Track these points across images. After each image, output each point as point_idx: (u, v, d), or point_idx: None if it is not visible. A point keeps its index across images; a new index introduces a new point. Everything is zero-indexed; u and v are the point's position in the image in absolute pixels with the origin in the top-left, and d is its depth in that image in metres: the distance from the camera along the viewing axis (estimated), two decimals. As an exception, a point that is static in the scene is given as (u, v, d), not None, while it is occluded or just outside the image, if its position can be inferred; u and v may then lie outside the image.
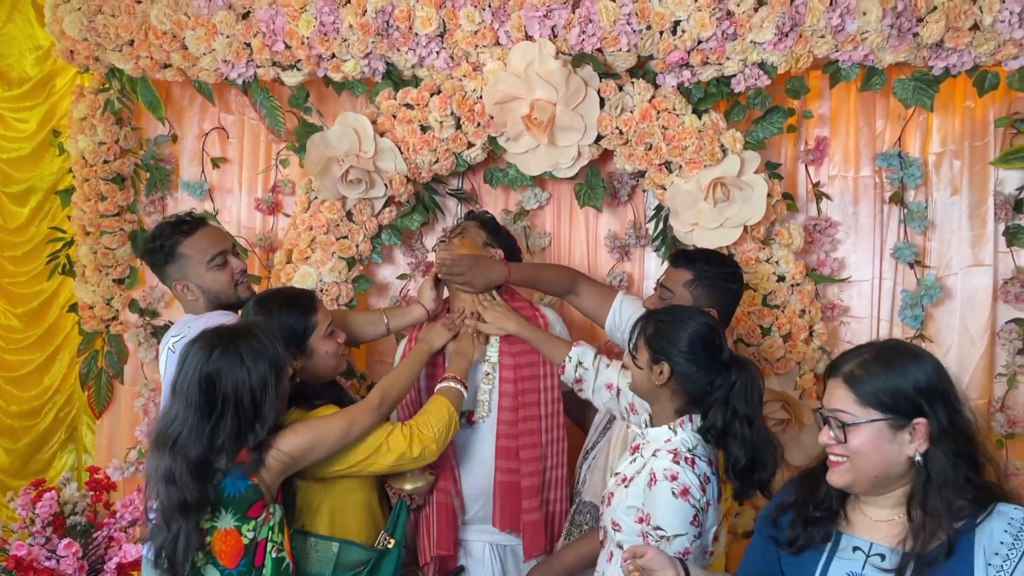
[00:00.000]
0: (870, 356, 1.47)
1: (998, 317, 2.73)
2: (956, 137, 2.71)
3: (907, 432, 1.41)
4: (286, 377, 1.87)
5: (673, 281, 2.22)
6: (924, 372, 1.42)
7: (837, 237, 2.80)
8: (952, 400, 1.42)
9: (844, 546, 1.49)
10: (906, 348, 1.50)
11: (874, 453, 1.42)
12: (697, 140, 2.50)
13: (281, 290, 2.25)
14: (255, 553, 1.81)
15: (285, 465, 1.84)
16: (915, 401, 1.41)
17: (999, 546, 1.36)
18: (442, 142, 2.65)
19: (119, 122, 2.97)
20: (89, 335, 3.07)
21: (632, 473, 1.83)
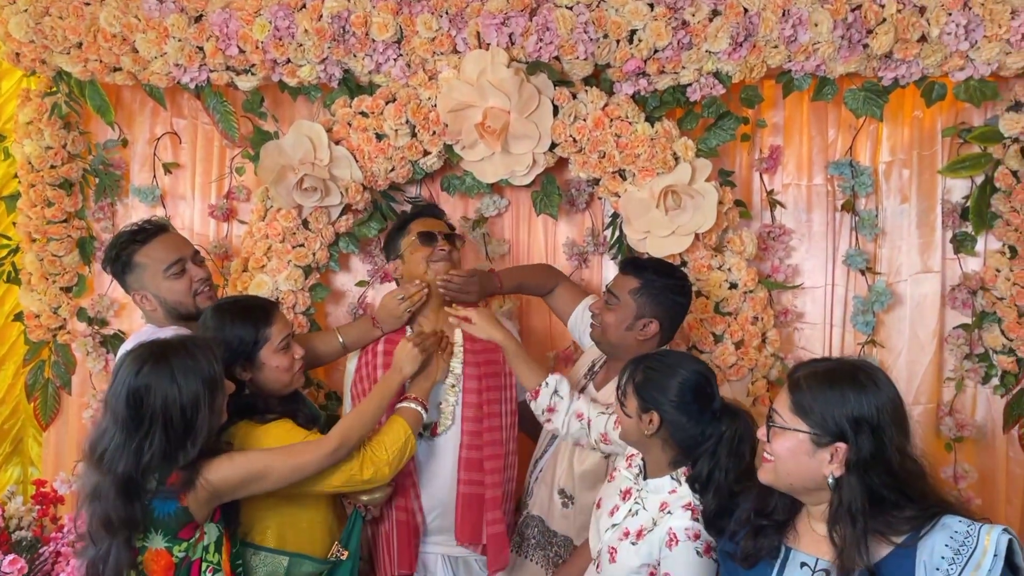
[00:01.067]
0: (822, 370, 1.48)
1: (946, 322, 2.79)
2: (905, 146, 2.77)
3: (827, 452, 1.42)
4: (222, 394, 1.81)
5: (620, 287, 2.24)
6: (864, 402, 1.41)
7: (791, 244, 2.83)
8: (885, 436, 1.40)
9: (793, 560, 1.50)
10: (861, 373, 1.46)
11: (791, 461, 1.45)
12: (649, 148, 2.51)
13: (240, 299, 2.21)
14: (188, 572, 1.77)
15: (211, 495, 1.78)
16: (841, 426, 1.40)
17: (940, 561, 1.35)
18: (398, 150, 2.63)
19: (67, 126, 2.89)
20: (35, 345, 2.99)
21: (637, 528, 1.80)
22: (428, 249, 2.36)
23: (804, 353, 2.84)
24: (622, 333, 2.23)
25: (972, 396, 2.80)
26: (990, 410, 2.79)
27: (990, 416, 2.79)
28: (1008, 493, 2.78)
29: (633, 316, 2.21)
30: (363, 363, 2.38)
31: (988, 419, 2.79)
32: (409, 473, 2.26)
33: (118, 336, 2.94)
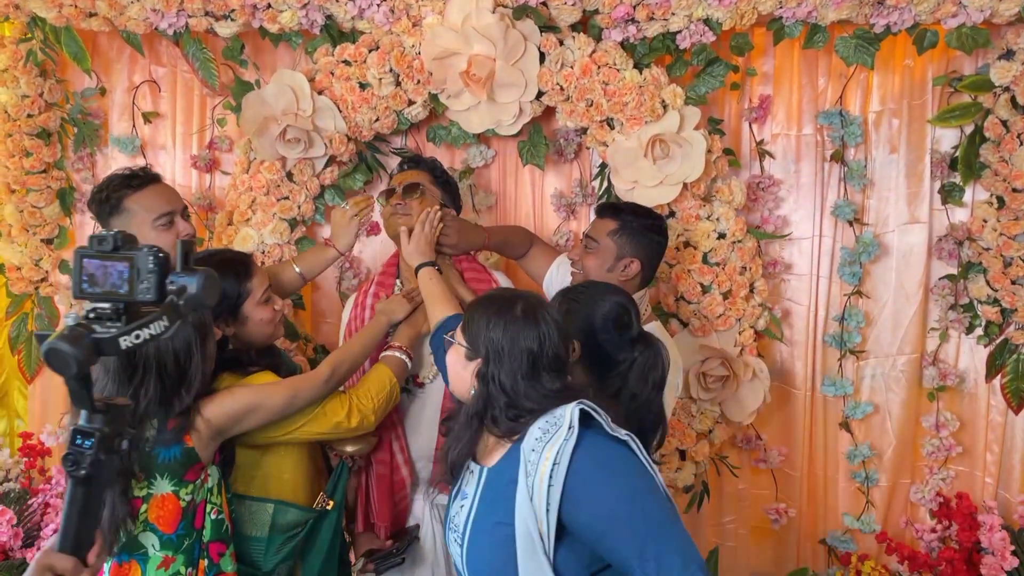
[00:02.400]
0: (496, 296, 1.61)
1: (932, 273, 2.79)
2: (895, 96, 2.74)
3: (473, 366, 1.55)
4: (212, 339, 1.80)
5: (598, 231, 2.23)
6: (500, 329, 1.52)
7: (780, 195, 2.82)
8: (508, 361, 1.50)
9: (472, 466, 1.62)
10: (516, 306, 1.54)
11: (454, 370, 1.60)
12: (637, 96, 2.48)
13: (215, 252, 2.15)
14: (194, 516, 1.79)
15: (218, 429, 1.80)
16: (480, 345, 1.53)
17: (534, 443, 1.43)
18: (382, 100, 2.59)
19: (43, 74, 2.83)
20: (18, 297, 2.96)
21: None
22: (389, 205, 2.32)
23: (791, 304, 2.85)
24: (604, 275, 2.22)
25: (956, 346, 2.82)
26: (973, 360, 2.81)
27: (973, 366, 2.81)
28: (988, 441, 2.82)
29: (614, 257, 2.21)
30: (354, 316, 2.37)
31: (971, 369, 2.82)
32: (392, 426, 2.26)
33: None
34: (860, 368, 2.84)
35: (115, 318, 1.15)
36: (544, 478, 1.37)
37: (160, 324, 1.15)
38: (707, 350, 2.62)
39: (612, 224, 2.22)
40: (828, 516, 2.93)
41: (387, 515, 2.25)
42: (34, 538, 2.71)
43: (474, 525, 1.52)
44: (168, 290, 1.17)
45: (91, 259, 1.17)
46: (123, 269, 1.16)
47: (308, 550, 2.05)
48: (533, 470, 1.40)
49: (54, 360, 1.08)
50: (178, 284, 1.17)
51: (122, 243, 1.17)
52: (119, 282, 1.16)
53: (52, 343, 1.08)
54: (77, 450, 1.18)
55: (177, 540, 1.77)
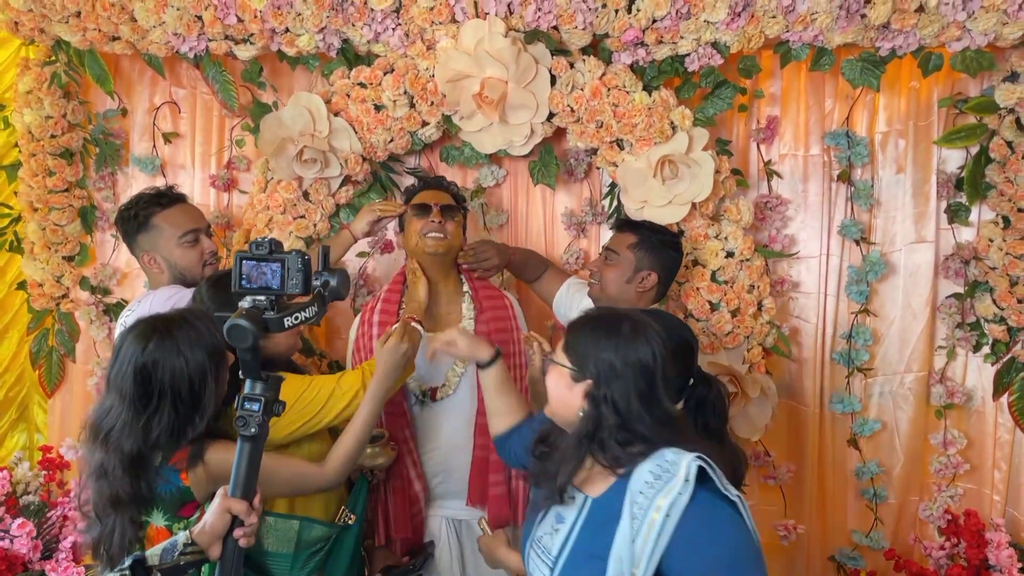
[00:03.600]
0: (594, 317, 1.61)
1: (939, 292, 2.82)
2: (901, 117, 2.78)
3: (581, 388, 1.52)
4: (226, 366, 1.80)
5: (618, 244, 2.35)
6: (613, 349, 1.50)
7: (787, 214, 2.86)
8: (624, 382, 1.48)
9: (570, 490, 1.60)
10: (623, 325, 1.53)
11: (556, 392, 1.58)
12: (647, 117, 2.53)
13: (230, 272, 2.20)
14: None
15: (215, 477, 1.76)
16: (592, 366, 1.51)
17: (643, 485, 1.42)
18: (396, 121, 2.65)
19: (66, 96, 2.91)
20: (39, 313, 3.02)
21: None
22: (422, 221, 2.35)
23: (799, 322, 2.88)
24: (623, 286, 2.34)
25: (963, 364, 2.84)
26: (980, 378, 2.83)
27: (980, 384, 2.83)
28: (996, 459, 2.83)
29: (633, 269, 2.33)
30: (361, 333, 2.40)
31: (978, 387, 2.84)
32: (405, 440, 2.29)
33: (121, 304, 2.97)
34: (868, 386, 2.87)
35: (269, 308, 1.41)
36: (654, 527, 1.37)
37: (312, 309, 1.44)
38: (716, 367, 2.65)
39: (632, 238, 2.33)
40: (837, 533, 2.95)
41: (405, 528, 2.28)
42: (53, 550, 2.76)
43: (571, 552, 1.50)
44: (313, 284, 1.44)
45: (248, 260, 1.42)
46: (277, 268, 1.41)
47: (330, 564, 2.08)
48: (640, 514, 1.39)
49: (235, 334, 1.36)
50: (323, 279, 1.47)
51: (275, 248, 1.42)
52: (272, 279, 1.41)
53: (234, 320, 1.36)
54: (247, 413, 1.44)
55: None
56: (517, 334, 2.41)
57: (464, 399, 2.34)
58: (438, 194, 2.44)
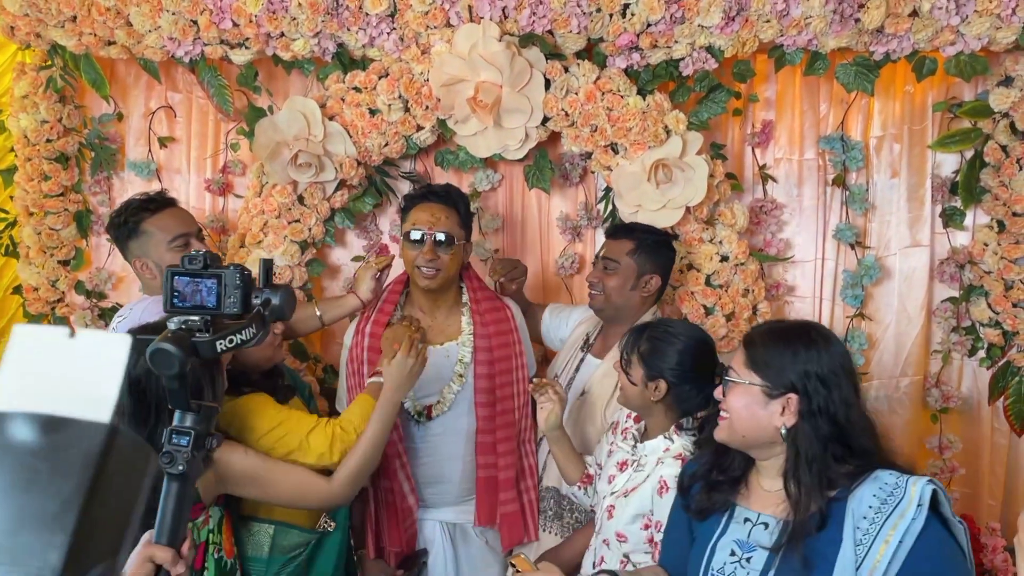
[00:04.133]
0: (776, 329, 1.56)
1: (934, 296, 2.82)
2: (896, 121, 2.78)
3: (779, 404, 1.47)
4: (222, 375, 1.75)
5: (616, 252, 2.35)
6: (815, 357, 1.46)
7: (782, 218, 2.86)
8: (833, 389, 1.45)
9: (738, 516, 1.56)
10: (813, 331, 1.53)
11: (745, 413, 1.50)
12: (641, 121, 2.53)
13: None
14: (194, 556, 1.77)
15: (218, 480, 1.78)
16: (792, 378, 1.46)
17: (867, 510, 1.39)
18: (391, 125, 2.65)
19: (62, 100, 2.91)
20: (35, 317, 3.02)
21: (632, 485, 1.88)
22: (415, 252, 2.26)
23: (794, 326, 2.88)
24: (627, 294, 2.34)
25: (959, 368, 2.84)
26: (976, 382, 2.83)
27: (976, 388, 2.83)
28: (992, 463, 2.83)
29: (635, 275, 2.33)
30: (355, 343, 2.37)
31: (974, 391, 2.83)
32: (397, 455, 2.26)
33: (116, 308, 2.97)
34: (863, 390, 2.86)
35: (203, 329, 1.25)
36: (884, 555, 1.34)
37: (249, 331, 1.26)
38: (710, 371, 2.65)
39: (629, 244, 2.34)
40: (833, 537, 2.94)
41: (398, 539, 2.26)
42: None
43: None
44: (253, 303, 1.29)
45: (181, 276, 1.27)
46: (212, 285, 1.26)
47: (312, 572, 2.06)
48: (867, 540, 1.37)
49: (159, 360, 1.18)
50: (263, 298, 1.29)
51: (211, 261, 1.28)
52: (208, 297, 1.27)
53: (158, 344, 1.17)
54: (174, 448, 1.27)
55: None
56: (520, 346, 2.40)
57: (461, 416, 2.32)
58: (435, 213, 2.28)
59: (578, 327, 2.55)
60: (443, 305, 2.39)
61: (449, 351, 2.33)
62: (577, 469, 2.15)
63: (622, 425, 2.07)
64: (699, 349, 1.91)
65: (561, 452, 2.15)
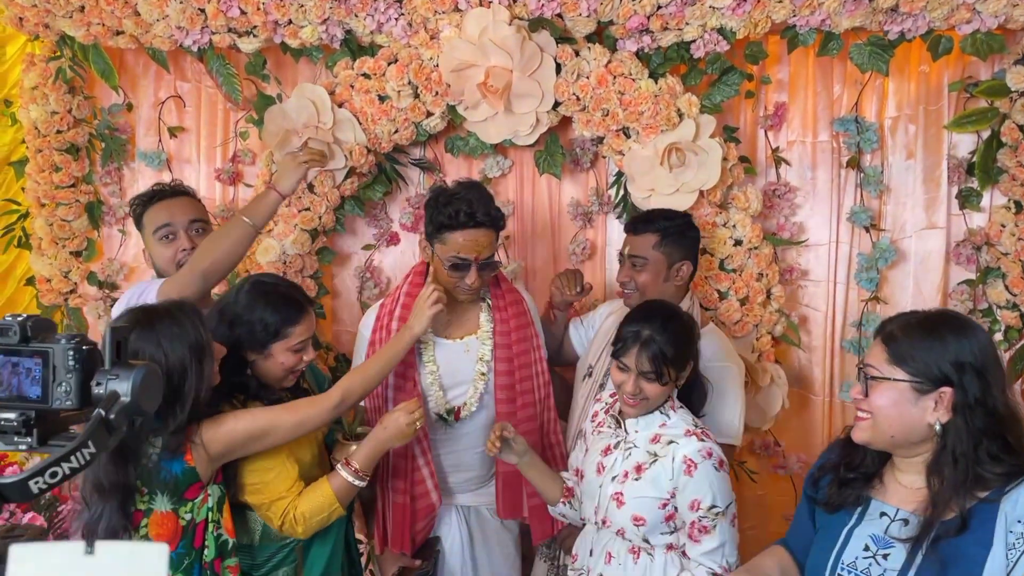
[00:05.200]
0: (916, 320, 1.48)
1: (950, 278, 2.79)
2: (911, 101, 2.75)
3: (931, 399, 1.41)
4: (210, 360, 1.78)
5: (641, 248, 2.27)
6: (965, 345, 1.41)
7: (796, 201, 2.83)
8: (989, 378, 1.40)
9: (873, 510, 1.51)
10: (956, 319, 1.48)
11: (893, 412, 1.44)
12: (653, 105, 2.51)
13: (280, 285, 2.06)
14: (194, 535, 1.80)
15: (217, 453, 1.80)
16: (945, 370, 1.40)
17: (1023, 514, 1.35)
18: (400, 112, 2.64)
19: (72, 91, 2.91)
20: (48, 308, 3.03)
21: (635, 465, 1.86)
22: (456, 275, 2.17)
23: (809, 310, 2.85)
24: (661, 287, 2.27)
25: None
26: (993, 365, 2.80)
27: (993, 371, 2.80)
28: (1010, 447, 2.81)
29: (666, 266, 2.27)
30: (378, 339, 2.28)
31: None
32: (417, 467, 2.22)
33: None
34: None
35: (23, 432, 0.89)
36: None
37: (85, 453, 0.87)
38: (724, 356, 2.63)
39: (653, 237, 2.26)
40: (848, 522, 2.92)
41: (403, 543, 2.23)
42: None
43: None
44: (95, 394, 0.90)
45: None
46: (34, 367, 0.89)
47: (308, 560, 2.05)
48: (1019, 545, 1.33)
49: None
50: (108, 388, 0.90)
51: (33, 332, 0.90)
52: (30, 384, 0.90)
53: None
54: None
55: (177, 559, 1.78)
56: (538, 339, 2.36)
57: (484, 415, 2.29)
58: (480, 241, 2.13)
59: (607, 318, 2.47)
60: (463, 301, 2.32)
61: (469, 345, 2.28)
62: (556, 486, 2.12)
63: (596, 422, 2.06)
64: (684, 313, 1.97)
65: (537, 474, 2.12)
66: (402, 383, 2.22)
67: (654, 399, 1.87)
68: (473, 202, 2.12)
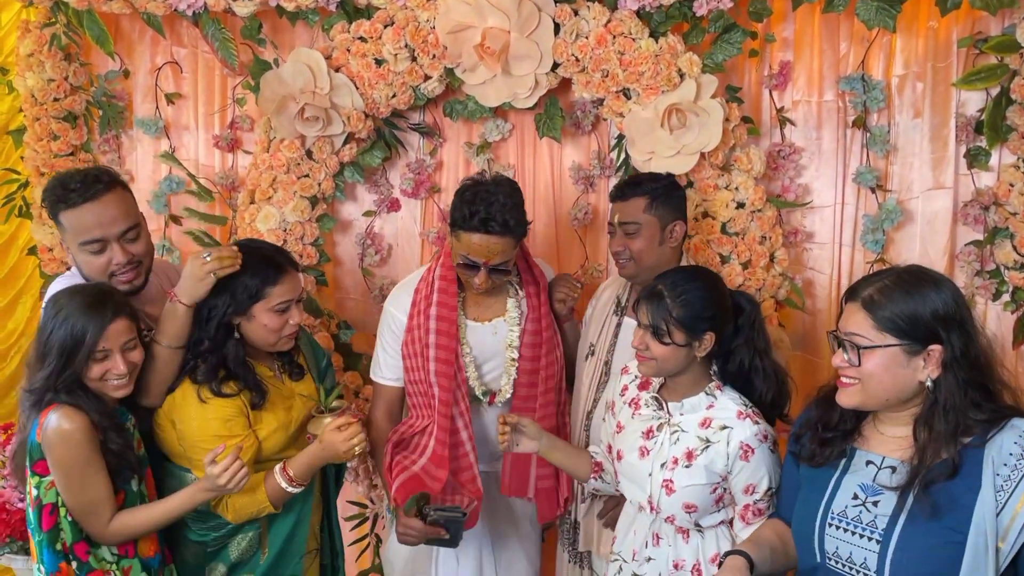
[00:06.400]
0: (891, 282, 1.49)
1: (957, 239, 2.75)
2: (919, 59, 2.68)
3: (921, 358, 1.44)
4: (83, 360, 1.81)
5: (631, 213, 2.22)
6: (943, 299, 1.44)
7: (801, 163, 2.78)
8: (968, 328, 1.44)
9: (859, 460, 1.55)
10: (927, 274, 1.50)
11: (886, 376, 1.46)
12: (654, 65, 2.46)
13: (262, 248, 2.06)
14: (40, 515, 1.82)
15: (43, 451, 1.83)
16: (932, 328, 1.43)
17: (1008, 457, 1.40)
18: (398, 75, 2.60)
19: (67, 58, 2.88)
20: (51, 277, 3.01)
21: (684, 451, 1.82)
22: (466, 273, 2.17)
23: (813, 273, 2.82)
24: (657, 250, 2.23)
25: (982, 313, 2.76)
26: (1000, 326, 2.76)
27: (1000, 332, 2.76)
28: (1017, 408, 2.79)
29: (659, 229, 2.22)
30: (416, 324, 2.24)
31: (998, 335, 2.77)
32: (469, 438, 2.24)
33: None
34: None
35: None
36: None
37: None
38: (727, 320, 2.61)
39: (642, 201, 2.21)
40: (852, 485, 2.92)
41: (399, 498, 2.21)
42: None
43: (907, 523, 1.46)
44: None
45: None
46: None
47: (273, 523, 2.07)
48: (1007, 487, 1.39)
49: None
50: None
51: None
52: None
53: None
54: None
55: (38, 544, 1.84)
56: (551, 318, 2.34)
57: (509, 401, 2.32)
58: (492, 247, 2.09)
59: (603, 292, 2.46)
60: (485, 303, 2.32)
61: (497, 328, 2.28)
62: (585, 462, 2.09)
63: (627, 398, 2.00)
64: (718, 283, 1.88)
65: (563, 455, 2.10)
66: (445, 356, 2.20)
67: (662, 360, 1.82)
68: (493, 206, 2.06)
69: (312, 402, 2.17)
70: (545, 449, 2.07)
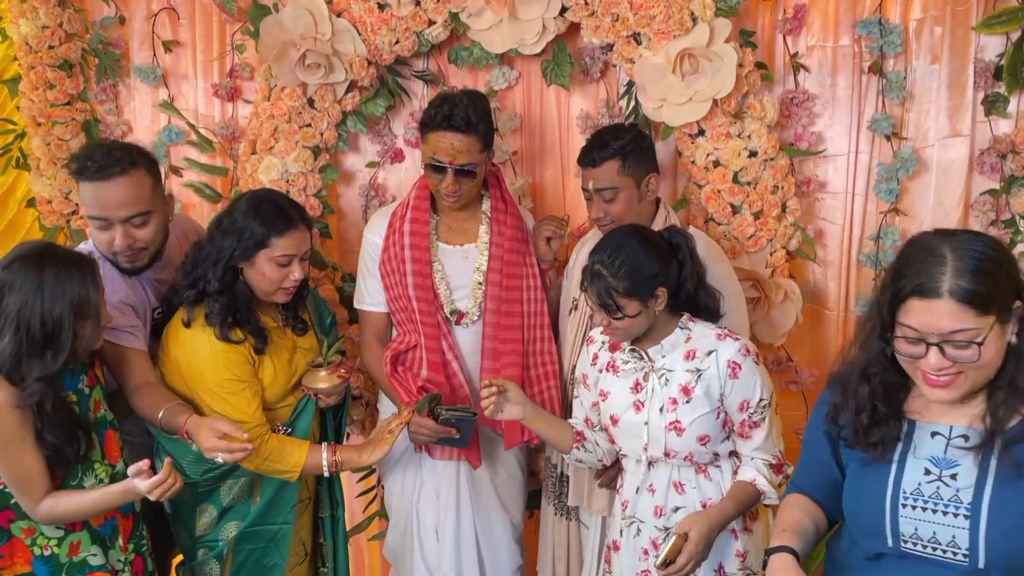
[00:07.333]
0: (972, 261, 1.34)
1: (972, 189, 2.69)
2: (938, 2, 2.59)
3: (1012, 321, 1.37)
4: (93, 323, 1.78)
5: (606, 177, 2.21)
6: (1006, 254, 1.38)
7: (815, 110, 2.71)
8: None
9: (920, 433, 1.46)
10: (984, 237, 1.40)
11: (997, 356, 1.37)
12: (665, 8, 2.39)
13: (275, 200, 2.09)
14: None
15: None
16: (1012, 288, 1.37)
17: None
18: (401, 20, 2.53)
19: (61, 3, 2.80)
20: (50, 230, 3.00)
21: (680, 389, 1.86)
22: (435, 177, 2.25)
23: (825, 223, 2.77)
24: (637, 208, 2.25)
25: (996, 263, 2.74)
26: (1014, 277, 2.73)
27: (1014, 283, 2.74)
28: (1027, 360, 2.77)
29: (635, 187, 2.23)
30: (392, 242, 2.36)
31: (1011, 286, 2.74)
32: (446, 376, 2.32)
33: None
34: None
35: None
36: None
37: None
38: (738, 272, 2.57)
39: (615, 163, 2.20)
40: (859, 436, 2.92)
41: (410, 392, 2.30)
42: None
43: (996, 494, 1.37)
44: None
45: None
46: None
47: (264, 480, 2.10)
48: None
49: None
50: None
51: None
52: None
53: None
54: None
55: None
56: (531, 257, 2.40)
57: (480, 326, 2.37)
58: (455, 144, 2.20)
59: (585, 244, 2.45)
60: (465, 208, 2.39)
61: (468, 252, 2.38)
62: (567, 433, 2.09)
63: (601, 364, 2.02)
64: (647, 235, 1.89)
65: (545, 425, 2.10)
66: (420, 269, 2.30)
67: (627, 328, 1.86)
68: (457, 106, 2.18)
69: (313, 355, 2.21)
70: (528, 417, 2.07)
